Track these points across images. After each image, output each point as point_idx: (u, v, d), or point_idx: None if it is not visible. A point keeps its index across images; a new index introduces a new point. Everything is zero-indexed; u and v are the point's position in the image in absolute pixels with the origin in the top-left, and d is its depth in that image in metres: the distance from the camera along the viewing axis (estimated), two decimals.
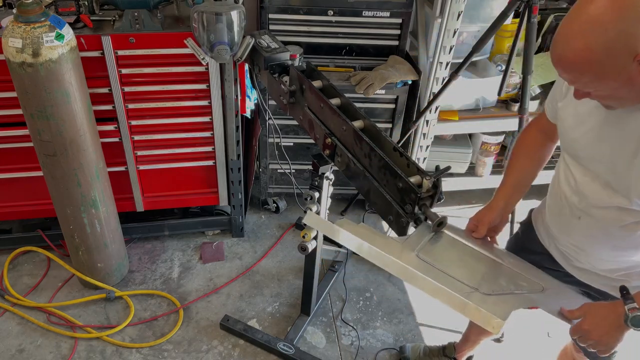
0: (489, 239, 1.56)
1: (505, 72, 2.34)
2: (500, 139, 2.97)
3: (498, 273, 1.43)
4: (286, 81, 1.89)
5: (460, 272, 1.31)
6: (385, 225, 3.00)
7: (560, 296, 1.40)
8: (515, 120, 2.45)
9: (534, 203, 1.72)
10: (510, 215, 1.63)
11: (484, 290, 1.26)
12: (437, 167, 1.41)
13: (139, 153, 2.47)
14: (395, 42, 2.63)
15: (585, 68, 1.07)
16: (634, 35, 1.01)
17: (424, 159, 2.84)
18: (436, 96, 2.48)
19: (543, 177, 1.62)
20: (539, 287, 1.40)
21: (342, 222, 1.33)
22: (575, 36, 1.07)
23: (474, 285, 1.26)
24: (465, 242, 1.49)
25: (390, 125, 2.74)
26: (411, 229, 1.45)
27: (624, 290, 1.21)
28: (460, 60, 2.35)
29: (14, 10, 1.80)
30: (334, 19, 2.52)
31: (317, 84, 1.79)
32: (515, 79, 2.73)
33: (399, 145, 2.42)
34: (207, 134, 2.47)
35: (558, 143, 1.51)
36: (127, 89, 2.26)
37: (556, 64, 1.13)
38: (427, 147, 2.78)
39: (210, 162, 2.58)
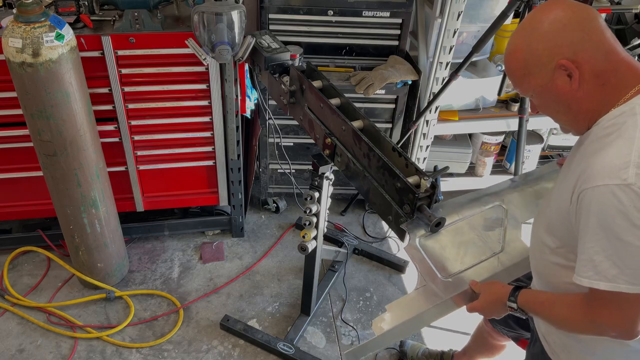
0: None
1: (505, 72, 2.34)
2: (500, 139, 2.98)
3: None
4: (286, 81, 1.90)
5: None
6: (384, 225, 3.00)
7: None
8: (515, 120, 2.45)
9: None
10: None
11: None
12: (435, 168, 1.41)
13: (139, 153, 2.47)
14: (395, 42, 2.63)
15: (513, 67, 1.14)
16: (558, 38, 1.07)
17: (424, 159, 2.84)
18: (436, 96, 2.48)
19: None
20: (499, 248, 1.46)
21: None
22: (511, 38, 1.15)
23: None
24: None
25: (390, 125, 2.74)
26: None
27: (516, 287, 1.30)
28: (460, 60, 2.35)
29: (14, 10, 1.80)
30: (334, 19, 2.52)
31: (317, 84, 1.79)
32: None
33: (399, 145, 2.43)
34: (207, 134, 2.47)
35: None
36: (127, 89, 2.26)
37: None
38: (427, 147, 2.78)
39: (210, 162, 2.58)
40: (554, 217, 1.20)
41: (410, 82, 2.59)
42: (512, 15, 2.21)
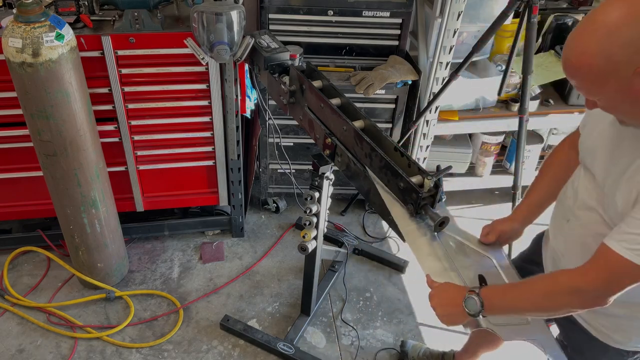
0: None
1: (505, 72, 2.34)
2: (500, 139, 2.97)
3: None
4: (286, 81, 1.89)
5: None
6: (384, 225, 3.00)
7: None
8: (515, 120, 2.45)
9: None
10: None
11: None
12: (438, 167, 1.42)
13: (139, 153, 2.47)
14: (395, 42, 2.63)
15: (586, 74, 1.07)
16: (637, 46, 0.99)
17: (424, 159, 2.84)
18: (436, 96, 2.48)
19: None
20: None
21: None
22: (580, 41, 1.06)
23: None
24: (462, 241, 1.51)
25: (390, 125, 2.74)
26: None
27: (481, 280, 1.31)
28: (460, 60, 2.35)
29: (14, 10, 1.79)
30: (334, 19, 2.52)
31: (317, 84, 1.79)
32: (515, 79, 2.73)
33: (399, 145, 2.42)
34: (207, 134, 2.47)
35: None
36: (127, 89, 2.26)
37: (564, 68, 1.13)
38: (427, 147, 2.78)
39: (210, 162, 2.58)
40: (615, 203, 1.22)
41: (410, 82, 2.59)
42: (512, 15, 2.21)
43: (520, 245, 1.77)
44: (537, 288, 1.25)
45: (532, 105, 2.73)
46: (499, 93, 2.44)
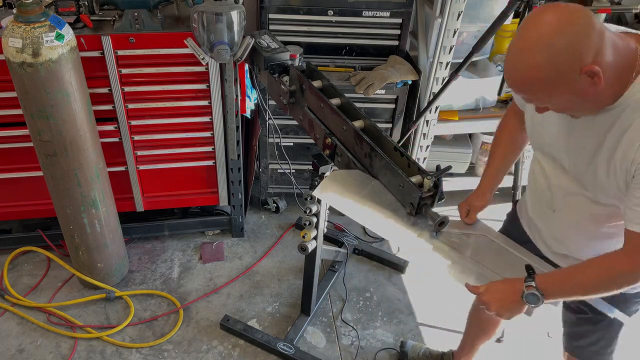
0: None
1: None
2: None
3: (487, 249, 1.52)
4: (286, 81, 1.90)
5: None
6: None
7: None
8: None
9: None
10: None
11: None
12: (438, 167, 1.42)
13: (139, 153, 2.47)
14: (395, 42, 2.63)
15: (536, 86, 1.11)
16: (577, 49, 1.05)
17: (424, 159, 2.85)
18: (436, 96, 2.48)
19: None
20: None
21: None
22: (522, 56, 1.10)
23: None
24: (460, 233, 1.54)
25: (390, 125, 2.74)
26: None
27: (529, 268, 1.31)
28: (460, 60, 2.35)
29: (14, 10, 1.79)
30: (334, 19, 2.52)
31: (317, 84, 1.79)
32: None
33: (399, 145, 2.42)
34: (207, 134, 2.47)
35: None
36: (127, 89, 2.26)
37: (508, 82, 1.17)
38: (427, 147, 2.78)
39: (210, 162, 2.58)
40: (599, 185, 1.27)
41: (410, 82, 2.59)
42: (512, 15, 2.21)
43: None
44: (593, 276, 1.27)
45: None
46: (499, 93, 2.44)
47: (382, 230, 1.45)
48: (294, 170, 2.83)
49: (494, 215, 1.74)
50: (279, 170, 2.88)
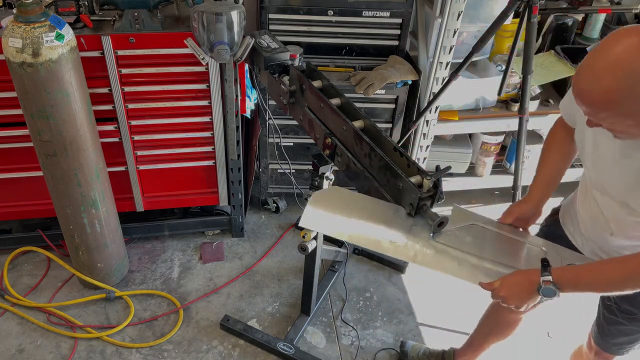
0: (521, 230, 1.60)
1: (505, 72, 2.34)
2: (500, 139, 2.97)
3: (508, 247, 1.51)
4: (286, 81, 1.89)
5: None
6: None
7: None
8: (515, 120, 2.45)
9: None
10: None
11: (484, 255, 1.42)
12: (437, 167, 1.41)
13: (139, 153, 2.47)
14: (395, 42, 2.63)
15: (606, 107, 1.09)
16: None
17: (424, 159, 2.84)
18: (436, 96, 2.48)
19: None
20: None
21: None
22: (600, 75, 1.07)
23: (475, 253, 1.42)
24: (483, 226, 1.53)
25: (390, 125, 2.74)
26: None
27: (544, 261, 1.31)
28: (460, 60, 2.35)
29: (14, 10, 1.79)
30: (334, 19, 2.52)
31: (317, 84, 1.79)
32: (515, 79, 2.73)
33: (399, 145, 2.43)
34: (207, 134, 2.47)
35: None
36: (127, 89, 2.26)
37: (576, 96, 1.14)
38: (427, 147, 2.78)
39: (210, 162, 2.58)
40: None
41: (410, 82, 2.59)
42: (512, 15, 2.21)
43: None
44: (611, 273, 1.28)
45: (532, 105, 2.73)
46: (499, 93, 2.44)
47: (380, 248, 1.43)
48: (294, 170, 2.83)
49: (495, 215, 1.73)
50: (279, 170, 2.88)
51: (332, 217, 1.49)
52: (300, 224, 1.50)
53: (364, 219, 1.47)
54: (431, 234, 1.43)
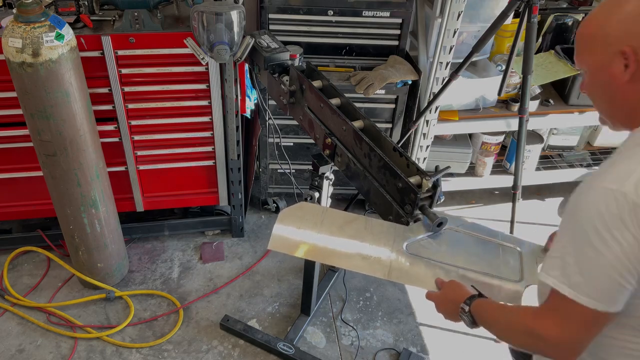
0: None
1: (505, 72, 2.34)
2: (500, 139, 2.97)
3: (489, 256, 1.49)
4: (286, 81, 1.89)
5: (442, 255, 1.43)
6: None
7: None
8: (515, 120, 2.45)
9: (535, 203, 1.73)
10: (511, 215, 1.63)
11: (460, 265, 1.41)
12: (436, 167, 1.41)
13: (139, 153, 2.47)
14: (395, 42, 2.63)
15: (581, 38, 1.10)
16: (632, 26, 1.01)
17: (424, 159, 2.84)
18: (436, 96, 2.48)
19: (542, 176, 1.63)
20: (518, 277, 1.43)
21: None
22: (596, 8, 1.10)
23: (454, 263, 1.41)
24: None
25: (390, 125, 2.74)
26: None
27: (475, 291, 1.28)
28: (460, 60, 2.35)
29: (14, 10, 1.80)
30: (334, 19, 2.52)
31: (317, 84, 1.79)
32: (515, 79, 2.73)
33: (399, 145, 2.43)
34: (207, 134, 2.47)
35: None
36: (127, 89, 2.26)
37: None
38: (427, 147, 2.78)
39: (210, 162, 2.58)
40: None
41: (410, 82, 2.59)
42: (512, 15, 2.21)
43: None
44: (503, 319, 1.18)
45: (532, 105, 2.73)
46: (499, 93, 2.44)
47: (354, 266, 1.42)
48: (294, 170, 2.83)
49: (495, 215, 1.74)
50: (279, 170, 2.88)
51: (301, 234, 1.50)
52: (269, 247, 1.52)
53: (334, 235, 1.47)
54: (404, 246, 1.43)
